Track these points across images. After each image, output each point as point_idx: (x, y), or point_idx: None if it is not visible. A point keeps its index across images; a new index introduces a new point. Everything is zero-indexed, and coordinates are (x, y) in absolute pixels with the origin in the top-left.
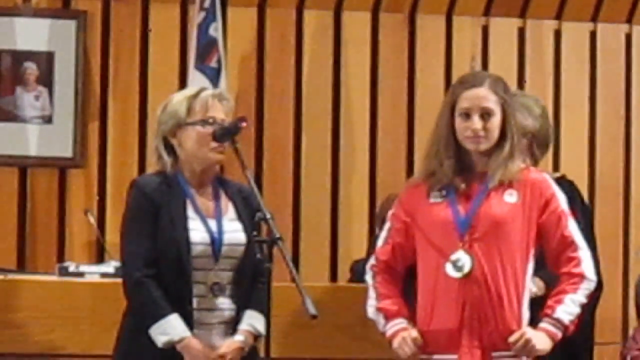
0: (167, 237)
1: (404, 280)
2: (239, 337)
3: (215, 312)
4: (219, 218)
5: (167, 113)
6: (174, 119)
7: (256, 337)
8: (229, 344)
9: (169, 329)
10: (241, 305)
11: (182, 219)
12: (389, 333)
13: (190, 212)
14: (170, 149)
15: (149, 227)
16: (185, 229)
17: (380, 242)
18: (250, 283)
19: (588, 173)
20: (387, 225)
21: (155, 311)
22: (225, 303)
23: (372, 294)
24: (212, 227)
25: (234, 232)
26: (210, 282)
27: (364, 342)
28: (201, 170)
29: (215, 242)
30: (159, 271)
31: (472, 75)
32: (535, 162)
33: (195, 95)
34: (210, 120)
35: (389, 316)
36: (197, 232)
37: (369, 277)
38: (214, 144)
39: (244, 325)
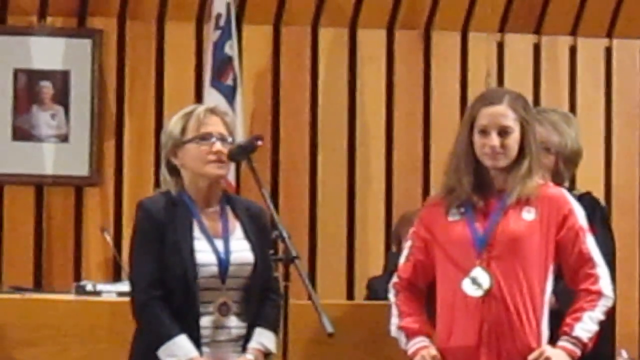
0: (173, 258)
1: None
2: (248, 356)
3: (224, 330)
4: (226, 238)
5: (166, 135)
6: (171, 140)
7: (266, 354)
8: None
9: (176, 350)
10: (250, 323)
11: (188, 240)
12: (410, 351)
13: (196, 232)
14: (175, 170)
15: (155, 248)
16: (191, 251)
17: (402, 260)
18: (260, 301)
19: (604, 187)
20: (408, 243)
21: (162, 332)
22: (233, 321)
23: (394, 311)
24: (219, 247)
25: (242, 252)
26: (218, 301)
27: (380, 359)
28: (207, 188)
29: (222, 263)
30: (166, 292)
31: (492, 92)
32: (562, 180)
33: (190, 113)
34: (206, 136)
35: (410, 334)
36: (204, 254)
37: (391, 295)
38: (212, 158)
39: (253, 344)
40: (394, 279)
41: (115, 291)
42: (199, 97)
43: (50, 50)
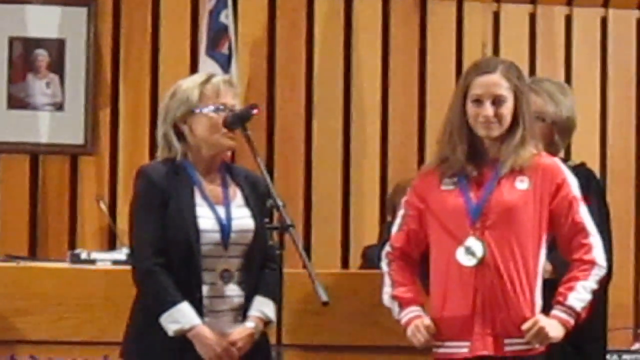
0: (175, 225)
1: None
2: (249, 324)
3: (225, 299)
4: (227, 204)
5: (177, 99)
6: (185, 106)
7: (266, 323)
8: (239, 331)
9: (180, 317)
10: (250, 291)
11: (191, 206)
12: (403, 321)
13: (198, 199)
14: (179, 136)
15: (157, 215)
16: (193, 217)
17: (394, 229)
18: (259, 269)
19: (599, 158)
20: (401, 212)
21: (165, 300)
22: (234, 290)
23: (387, 281)
24: (221, 213)
25: (243, 219)
26: (220, 269)
27: (375, 329)
28: (210, 157)
29: (224, 229)
30: (169, 259)
31: (485, 61)
32: (556, 150)
33: (206, 81)
34: (222, 107)
35: (403, 304)
36: (206, 220)
37: (384, 264)
38: (225, 130)
39: (253, 312)
40: (387, 249)
41: (110, 259)
42: (194, 66)
43: (46, 18)
